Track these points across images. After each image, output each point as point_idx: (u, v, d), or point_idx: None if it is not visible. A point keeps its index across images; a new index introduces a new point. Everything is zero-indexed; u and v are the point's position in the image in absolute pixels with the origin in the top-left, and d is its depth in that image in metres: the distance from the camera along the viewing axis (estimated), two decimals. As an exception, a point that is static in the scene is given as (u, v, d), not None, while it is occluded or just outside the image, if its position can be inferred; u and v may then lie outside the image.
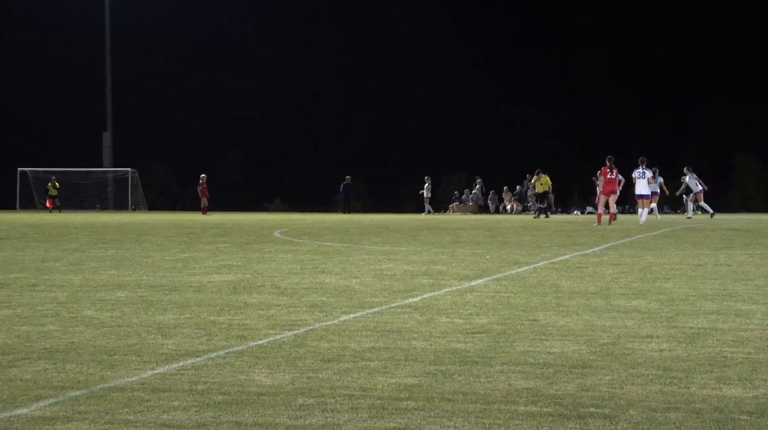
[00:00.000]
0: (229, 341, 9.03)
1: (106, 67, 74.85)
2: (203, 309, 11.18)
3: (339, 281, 14.09)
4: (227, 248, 21.09)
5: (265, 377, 7.42)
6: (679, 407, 6.42)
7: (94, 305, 11.62)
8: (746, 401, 6.59)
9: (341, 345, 8.74)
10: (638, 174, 34.17)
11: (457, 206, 62.53)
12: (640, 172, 34.17)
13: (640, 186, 34.10)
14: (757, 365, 7.78)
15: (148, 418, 6.24)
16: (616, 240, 23.94)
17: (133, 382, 7.27)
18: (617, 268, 16.07)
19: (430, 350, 8.47)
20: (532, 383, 7.16)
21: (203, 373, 7.57)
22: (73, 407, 6.51)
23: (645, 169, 34.20)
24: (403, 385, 7.11)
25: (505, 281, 14.09)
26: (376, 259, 18.16)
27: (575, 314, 10.65)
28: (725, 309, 11.00)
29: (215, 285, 13.69)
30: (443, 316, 10.53)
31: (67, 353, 8.46)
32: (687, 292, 12.64)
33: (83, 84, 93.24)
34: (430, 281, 14.11)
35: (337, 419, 6.18)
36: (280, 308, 11.27)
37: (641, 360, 7.99)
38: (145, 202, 71.45)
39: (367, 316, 10.59)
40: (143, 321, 10.28)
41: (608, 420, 6.11)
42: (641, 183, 34.04)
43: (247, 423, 6.11)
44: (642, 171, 34.02)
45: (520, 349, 8.51)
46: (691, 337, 9.10)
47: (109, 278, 14.68)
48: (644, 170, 34.06)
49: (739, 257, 18.43)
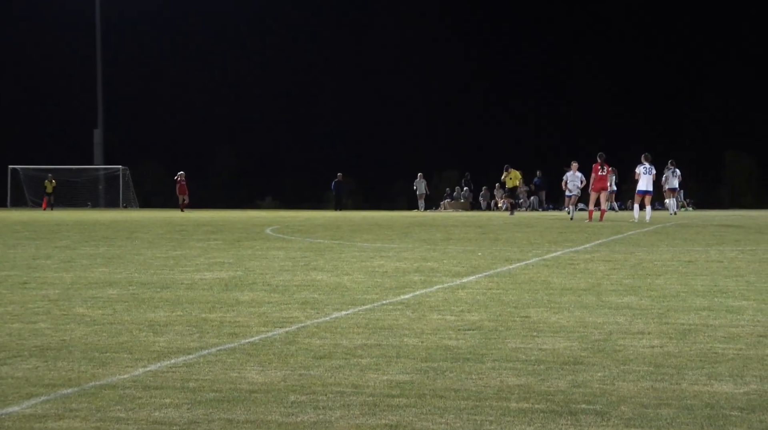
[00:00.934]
0: (221, 338, 9.03)
1: (97, 65, 74.72)
2: (195, 306, 11.18)
3: (331, 278, 14.09)
4: (219, 246, 21.08)
5: (256, 374, 7.42)
6: (671, 404, 6.44)
7: (86, 302, 11.60)
8: (737, 397, 6.60)
9: (333, 342, 8.75)
10: (644, 170, 33.58)
11: (448, 203, 62.55)
12: (646, 167, 33.62)
13: (644, 182, 33.49)
14: (748, 362, 7.80)
15: (139, 415, 6.24)
16: (608, 236, 23.98)
17: (125, 380, 7.26)
18: (608, 264, 16.09)
19: (421, 347, 8.48)
20: (524, 379, 7.17)
21: (195, 370, 7.57)
22: (65, 405, 6.50)
23: (650, 165, 33.82)
24: (394, 382, 7.12)
25: (497, 278, 14.10)
26: (367, 256, 18.17)
27: (567, 310, 10.66)
28: (716, 305, 11.02)
29: (207, 282, 13.68)
30: (435, 313, 10.53)
31: (59, 350, 8.45)
32: (678, 288, 12.67)
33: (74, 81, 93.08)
34: (421, 278, 14.12)
35: (329, 416, 6.18)
36: (272, 305, 11.27)
37: (632, 356, 8.00)
38: (136, 200, 71.34)
39: (359, 313, 10.59)
40: (135, 319, 10.28)
41: (600, 416, 6.12)
42: (646, 179, 33.46)
43: (238, 420, 6.11)
44: (648, 167, 33.62)
45: (512, 346, 8.52)
46: (682, 333, 9.12)
47: (101, 276, 14.66)
48: (650, 166, 33.70)
49: (730, 253, 18.47)
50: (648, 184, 33.43)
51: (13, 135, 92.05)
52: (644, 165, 33.74)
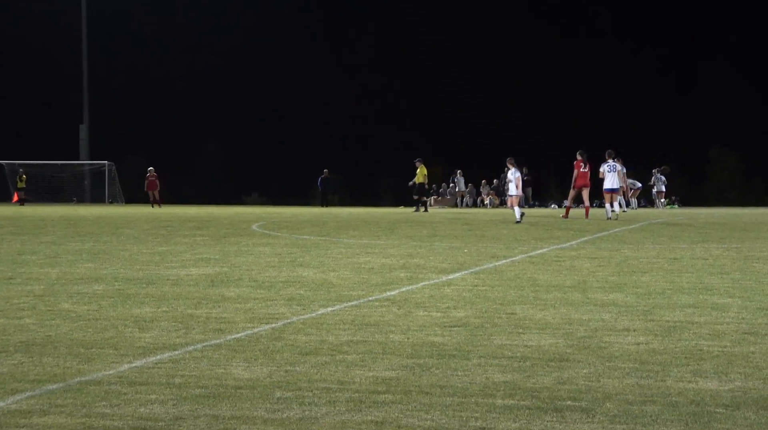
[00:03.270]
0: (207, 334, 9.02)
1: (83, 60, 74.48)
2: (180, 302, 11.16)
3: (317, 275, 14.09)
4: (205, 241, 21.04)
5: (242, 370, 7.42)
6: (656, 400, 6.46)
7: (71, 298, 11.58)
8: (722, 394, 6.63)
9: (319, 338, 8.75)
10: (608, 168, 33.37)
11: (435, 200, 62.56)
12: (611, 165, 33.44)
13: (610, 180, 33.29)
14: (733, 359, 7.83)
15: (125, 411, 6.23)
16: (593, 234, 24.02)
17: (110, 375, 7.25)
18: (594, 261, 16.12)
19: (407, 344, 8.48)
20: (510, 376, 7.18)
21: (180, 366, 7.56)
22: (50, 401, 6.49)
23: (614, 161, 33.67)
24: (380, 378, 7.12)
25: (483, 275, 14.11)
26: (353, 252, 18.16)
27: (552, 307, 10.68)
28: (701, 302, 11.06)
29: (193, 278, 13.66)
30: (421, 309, 10.54)
31: (44, 346, 8.43)
32: (663, 285, 12.70)
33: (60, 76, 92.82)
34: (407, 275, 14.12)
35: (315, 413, 6.19)
36: (258, 301, 11.27)
37: (618, 353, 8.03)
38: (122, 195, 71.10)
39: (345, 309, 10.59)
40: (120, 314, 10.26)
41: (585, 413, 6.14)
42: (611, 177, 33.29)
43: (224, 416, 6.11)
44: (612, 164, 33.47)
45: (498, 342, 8.54)
46: (667, 330, 9.15)
47: (86, 271, 14.63)
48: (614, 163, 33.57)
49: (715, 250, 18.52)
50: (613, 181, 33.19)
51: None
52: (608, 163, 33.54)
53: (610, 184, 33.13)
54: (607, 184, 33.20)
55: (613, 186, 33.13)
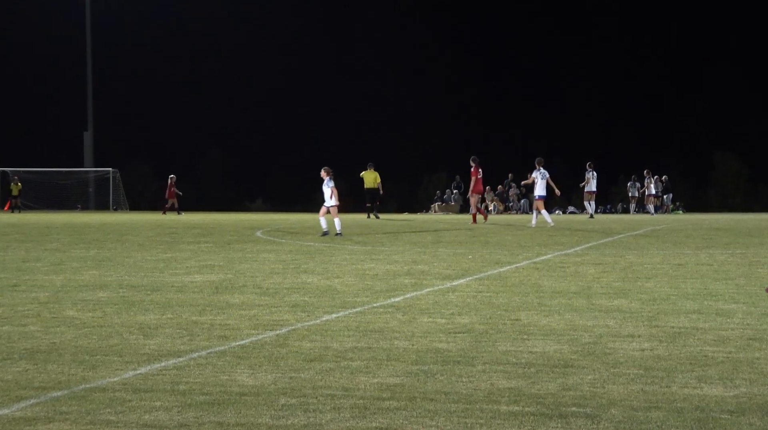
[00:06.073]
0: (211, 341, 9.02)
1: (87, 67, 74.56)
2: (185, 309, 11.16)
3: (321, 281, 14.09)
4: (209, 248, 21.05)
5: (247, 377, 7.42)
6: (661, 407, 6.45)
7: (76, 305, 11.59)
8: (727, 400, 6.62)
9: (323, 345, 8.74)
10: (540, 175, 33.26)
11: (438, 206, 62.52)
12: (541, 172, 33.33)
13: (540, 187, 33.21)
14: (738, 364, 7.82)
15: (129, 418, 6.23)
16: (598, 239, 24.01)
17: (115, 382, 7.25)
18: (599, 267, 16.11)
19: (412, 350, 8.48)
20: (514, 382, 7.18)
21: (185, 373, 7.56)
22: (55, 408, 6.49)
23: (544, 169, 33.66)
24: (385, 385, 7.12)
25: (487, 281, 14.11)
26: (358, 258, 18.16)
27: (557, 313, 10.67)
28: (706, 308, 11.04)
29: (197, 285, 13.66)
30: (425, 316, 10.54)
31: (49, 353, 8.43)
32: (668, 291, 12.69)
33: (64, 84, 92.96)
34: (412, 281, 14.12)
35: (320, 419, 6.18)
36: (262, 307, 11.27)
37: (623, 359, 8.02)
38: (126, 202, 71.13)
39: (350, 316, 10.59)
40: (125, 321, 10.26)
41: (590, 419, 6.13)
42: (541, 184, 33.25)
43: (229, 423, 6.11)
44: (543, 172, 33.44)
45: (502, 348, 8.53)
46: (672, 336, 9.14)
47: (91, 278, 14.64)
48: (545, 171, 33.55)
49: (720, 256, 18.50)
50: (542, 188, 33.15)
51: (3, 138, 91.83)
52: (539, 170, 33.49)
53: (540, 191, 33.14)
54: (538, 191, 33.20)
55: (542, 193, 33.14)
